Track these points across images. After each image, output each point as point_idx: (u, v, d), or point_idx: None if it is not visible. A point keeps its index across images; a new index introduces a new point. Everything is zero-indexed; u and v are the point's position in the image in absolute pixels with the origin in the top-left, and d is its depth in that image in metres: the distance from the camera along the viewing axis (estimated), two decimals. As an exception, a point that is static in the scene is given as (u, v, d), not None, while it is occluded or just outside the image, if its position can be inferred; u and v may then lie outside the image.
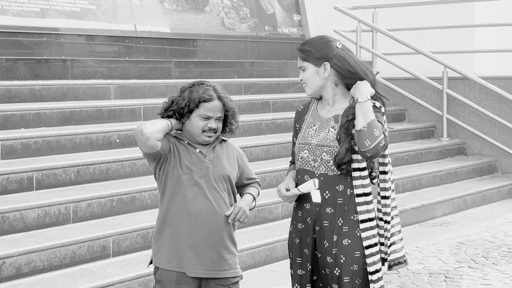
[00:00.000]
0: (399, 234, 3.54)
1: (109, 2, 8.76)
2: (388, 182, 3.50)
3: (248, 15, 10.48)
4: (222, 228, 3.46)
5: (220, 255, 3.46)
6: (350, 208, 3.43)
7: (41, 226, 5.46)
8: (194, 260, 3.42)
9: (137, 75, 8.59)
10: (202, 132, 3.48)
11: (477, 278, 5.74)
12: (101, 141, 6.74)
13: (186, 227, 3.42)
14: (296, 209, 3.56)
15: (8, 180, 5.70)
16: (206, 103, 3.46)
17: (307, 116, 3.58)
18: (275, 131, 8.32)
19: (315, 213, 3.46)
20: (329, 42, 3.50)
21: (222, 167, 3.51)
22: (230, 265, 3.49)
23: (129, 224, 5.64)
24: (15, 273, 4.93)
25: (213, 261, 3.44)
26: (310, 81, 3.50)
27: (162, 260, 3.47)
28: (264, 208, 6.56)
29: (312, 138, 3.49)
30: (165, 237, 3.47)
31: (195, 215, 3.42)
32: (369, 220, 3.43)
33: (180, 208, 3.44)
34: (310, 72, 3.49)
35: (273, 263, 6.00)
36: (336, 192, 3.43)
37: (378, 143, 3.27)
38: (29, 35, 7.83)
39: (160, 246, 3.49)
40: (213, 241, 3.44)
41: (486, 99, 9.69)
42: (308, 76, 3.50)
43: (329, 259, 3.43)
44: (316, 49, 3.47)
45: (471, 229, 7.38)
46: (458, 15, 10.84)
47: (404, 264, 3.55)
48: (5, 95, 6.94)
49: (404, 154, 8.95)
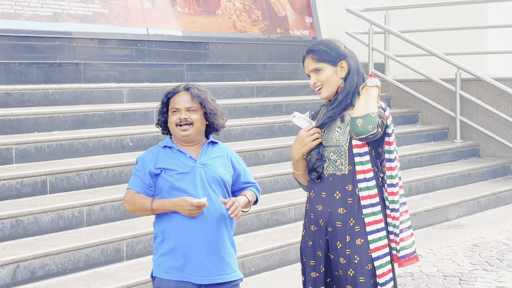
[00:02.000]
0: (409, 230, 3.50)
1: (121, 6, 8.79)
2: (396, 178, 3.47)
3: (260, 18, 10.48)
4: (221, 232, 3.43)
5: (221, 259, 3.43)
6: (360, 208, 3.42)
7: (55, 229, 5.48)
8: (197, 267, 3.39)
9: (150, 78, 8.61)
10: (176, 127, 3.45)
11: (492, 280, 5.71)
12: (114, 144, 6.76)
13: (185, 235, 3.39)
14: (308, 211, 3.55)
15: (22, 184, 5.72)
16: (173, 97, 3.47)
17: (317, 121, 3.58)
18: (287, 133, 8.32)
19: (327, 214, 3.45)
20: (337, 43, 3.52)
21: (215, 169, 3.46)
22: (232, 268, 3.48)
23: (142, 228, 5.65)
24: (30, 276, 4.94)
25: (215, 266, 3.41)
26: (329, 81, 3.47)
27: (162, 270, 3.43)
28: (277, 211, 6.56)
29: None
30: (165, 248, 3.44)
31: (192, 221, 3.38)
32: (375, 223, 3.40)
33: (177, 216, 3.40)
34: (329, 72, 3.46)
35: (287, 265, 5.99)
36: (346, 192, 3.42)
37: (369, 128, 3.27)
38: (42, 39, 7.86)
39: (159, 256, 3.46)
40: (213, 245, 3.41)
41: (499, 100, 9.64)
42: (327, 77, 3.46)
43: (341, 260, 3.41)
44: (331, 48, 3.47)
45: (485, 231, 7.35)
46: (471, 16, 10.80)
47: (415, 260, 3.51)
48: (19, 99, 6.97)
49: (417, 156, 8.92)
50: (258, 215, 6.36)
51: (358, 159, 3.39)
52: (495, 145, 9.70)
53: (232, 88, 9.00)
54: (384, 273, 3.38)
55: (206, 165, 3.45)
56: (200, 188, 3.41)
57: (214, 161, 3.49)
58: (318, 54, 3.46)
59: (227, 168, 3.53)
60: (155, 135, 7.00)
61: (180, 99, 3.45)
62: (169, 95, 3.48)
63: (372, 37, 10.33)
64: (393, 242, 3.49)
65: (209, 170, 3.45)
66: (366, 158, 3.39)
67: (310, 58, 3.48)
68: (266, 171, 7.12)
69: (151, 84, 8.34)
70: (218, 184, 3.47)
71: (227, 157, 3.56)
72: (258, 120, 8.29)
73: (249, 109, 8.57)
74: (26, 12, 7.84)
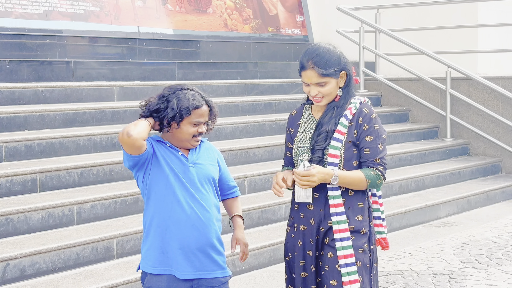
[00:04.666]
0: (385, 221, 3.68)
1: (112, 4, 8.77)
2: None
3: (251, 16, 10.49)
4: (210, 229, 3.45)
5: (208, 256, 3.46)
6: (353, 208, 3.44)
7: (45, 227, 5.47)
8: (184, 262, 3.41)
9: (140, 76, 8.59)
10: (192, 138, 3.48)
11: (481, 278, 5.73)
12: (104, 142, 6.75)
13: (175, 230, 3.40)
14: (297, 211, 3.56)
15: (12, 182, 5.71)
16: (197, 109, 3.46)
17: (302, 121, 3.59)
18: (278, 132, 8.32)
19: (319, 214, 3.46)
20: (335, 51, 3.47)
21: (205, 168, 3.50)
22: (219, 266, 3.50)
23: (132, 226, 5.64)
24: (19, 275, 4.93)
25: (202, 261, 3.44)
26: (332, 94, 3.47)
27: (149, 264, 3.44)
28: (267, 209, 6.56)
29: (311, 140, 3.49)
30: (153, 241, 3.45)
31: (184, 218, 3.40)
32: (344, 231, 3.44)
33: (168, 211, 3.41)
34: (333, 85, 3.45)
35: (277, 264, 5.99)
36: None
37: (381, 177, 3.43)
38: (33, 37, 7.84)
39: (147, 250, 3.46)
40: (202, 242, 3.43)
41: (489, 99, 9.68)
42: (331, 90, 3.45)
43: (329, 255, 3.42)
44: (334, 63, 3.43)
45: (475, 230, 7.37)
46: (461, 16, 10.83)
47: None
48: (9, 97, 6.95)
49: (408, 155, 8.94)
50: (249, 213, 6.36)
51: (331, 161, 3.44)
52: (485, 143, 9.73)
53: (223, 87, 8.99)
54: (351, 281, 3.38)
55: (197, 164, 3.48)
56: (190, 185, 3.44)
57: (203, 159, 3.53)
58: (323, 68, 3.41)
59: (215, 167, 3.57)
60: (145, 133, 6.98)
61: (204, 113, 3.48)
62: (194, 106, 3.44)
63: (363, 36, 10.34)
64: (381, 227, 3.58)
65: (200, 169, 3.48)
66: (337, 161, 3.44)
67: (314, 71, 3.41)
68: (256, 169, 7.13)
69: (142, 82, 8.33)
70: (209, 182, 3.50)
71: (214, 156, 3.60)
72: (249, 118, 8.29)
73: (240, 108, 8.57)
74: (16, 10, 7.82)
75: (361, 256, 3.41)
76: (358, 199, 3.45)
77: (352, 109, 3.45)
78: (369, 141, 3.41)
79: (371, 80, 10.52)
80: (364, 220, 3.45)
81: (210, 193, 3.49)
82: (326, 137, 3.42)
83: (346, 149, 3.42)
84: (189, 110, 3.42)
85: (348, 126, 3.43)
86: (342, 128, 3.41)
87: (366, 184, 3.41)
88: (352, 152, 3.42)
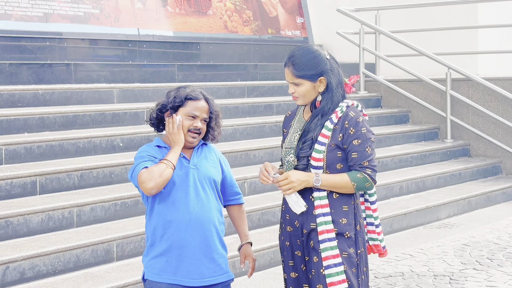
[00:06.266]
0: (380, 227, 3.62)
1: (112, 6, 8.77)
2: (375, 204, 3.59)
3: (251, 18, 10.49)
4: (212, 233, 3.45)
5: (213, 260, 3.45)
6: (337, 211, 3.42)
7: (44, 230, 5.46)
8: (190, 269, 3.40)
9: (140, 78, 8.59)
10: (187, 132, 3.45)
11: (482, 280, 5.72)
12: (104, 145, 6.74)
13: (178, 238, 3.39)
14: (284, 212, 3.57)
15: (12, 185, 5.70)
16: (193, 101, 3.45)
17: (293, 122, 3.59)
18: (278, 133, 8.31)
19: (302, 216, 3.46)
20: (319, 55, 3.45)
21: (206, 170, 3.48)
22: (223, 269, 3.50)
23: (132, 228, 5.64)
24: (19, 277, 4.93)
25: (208, 267, 3.43)
26: (306, 96, 3.47)
27: (154, 272, 3.43)
28: (268, 211, 6.56)
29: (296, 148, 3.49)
30: (157, 251, 3.43)
31: (186, 224, 3.39)
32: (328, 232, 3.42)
33: (171, 219, 3.40)
34: (307, 88, 3.45)
35: (277, 266, 5.99)
36: None
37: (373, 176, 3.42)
38: (33, 40, 7.85)
39: (151, 259, 3.45)
40: (205, 247, 3.42)
41: (490, 100, 9.67)
42: (305, 92, 3.46)
43: (315, 259, 3.41)
44: (311, 66, 3.42)
45: (476, 231, 7.37)
46: (461, 17, 10.83)
47: (386, 254, 3.67)
48: (9, 100, 6.95)
49: (408, 156, 8.94)
50: (249, 215, 6.36)
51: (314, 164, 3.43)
52: (485, 144, 9.72)
53: (223, 88, 9.00)
54: (333, 283, 3.36)
55: (198, 166, 3.47)
56: (192, 188, 3.42)
57: (205, 162, 3.52)
58: (298, 69, 3.43)
59: (217, 169, 3.55)
60: (145, 135, 6.99)
61: (201, 108, 3.47)
62: (189, 97, 3.45)
63: (363, 37, 10.34)
64: (374, 233, 3.57)
65: (201, 172, 3.47)
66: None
67: (290, 70, 3.45)
68: (257, 171, 7.10)
69: (142, 84, 8.32)
70: (210, 184, 3.49)
71: (217, 159, 3.59)
72: (249, 120, 8.29)
73: (240, 109, 8.57)
74: (16, 12, 7.82)
75: (345, 260, 3.39)
76: (343, 202, 3.43)
77: (338, 112, 3.43)
78: (357, 145, 3.40)
79: (371, 82, 10.52)
80: (348, 223, 3.42)
81: (212, 196, 3.48)
82: (311, 144, 3.42)
83: (328, 151, 3.40)
84: (181, 98, 3.43)
85: (333, 129, 3.42)
86: (326, 131, 3.41)
87: (353, 187, 3.39)
88: (335, 155, 3.41)
